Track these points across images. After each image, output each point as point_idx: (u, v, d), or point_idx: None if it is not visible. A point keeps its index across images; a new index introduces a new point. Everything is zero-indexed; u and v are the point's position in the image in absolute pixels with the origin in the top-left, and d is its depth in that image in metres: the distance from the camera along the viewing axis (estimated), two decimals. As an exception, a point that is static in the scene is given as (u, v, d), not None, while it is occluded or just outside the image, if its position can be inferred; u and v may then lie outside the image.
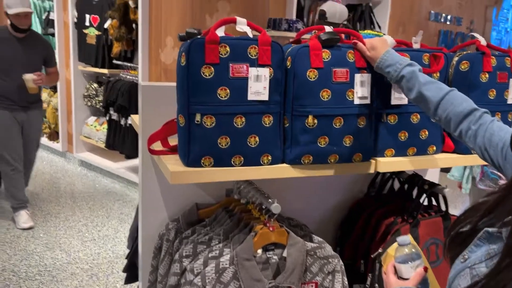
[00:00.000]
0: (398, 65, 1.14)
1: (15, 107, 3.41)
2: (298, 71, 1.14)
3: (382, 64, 1.16)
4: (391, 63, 1.15)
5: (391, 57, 1.16)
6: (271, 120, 1.14)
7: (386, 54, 1.16)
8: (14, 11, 3.17)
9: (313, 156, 1.18)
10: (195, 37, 1.06)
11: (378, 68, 1.18)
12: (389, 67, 1.15)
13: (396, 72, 1.14)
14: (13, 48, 3.32)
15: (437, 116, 1.07)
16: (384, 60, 1.16)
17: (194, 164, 1.11)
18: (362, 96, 1.19)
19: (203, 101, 1.07)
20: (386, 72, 1.16)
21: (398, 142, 1.31)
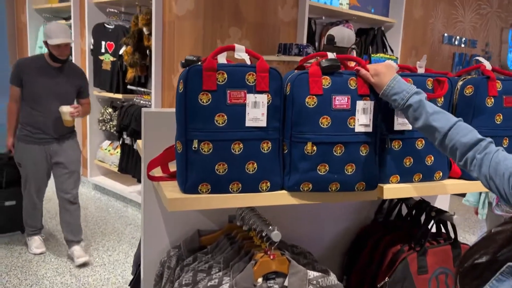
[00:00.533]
0: (405, 93, 1.12)
1: (48, 139, 3.18)
2: (297, 97, 1.13)
3: (388, 92, 1.14)
4: (398, 91, 1.13)
5: (398, 84, 1.14)
6: (269, 146, 1.13)
7: (393, 81, 1.14)
8: (55, 41, 3.02)
9: (313, 184, 1.16)
10: (193, 64, 1.07)
11: (383, 95, 1.16)
12: (396, 95, 1.13)
13: (403, 101, 1.12)
14: (49, 78, 3.13)
15: (443, 146, 1.07)
16: (391, 87, 1.14)
17: (192, 191, 1.10)
18: (363, 124, 1.18)
19: (201, 128, 1.07)
20: (392, 99, 1.14)
21: (403, 169, 1.29)
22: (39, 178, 3.25)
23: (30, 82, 3.09)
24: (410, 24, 5.56)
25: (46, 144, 3.18)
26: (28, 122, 3.15)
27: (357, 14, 4.67)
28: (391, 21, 5.13)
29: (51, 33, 3.06)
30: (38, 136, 3.15)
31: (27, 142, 3.17)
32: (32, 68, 3.11)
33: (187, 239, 1.45)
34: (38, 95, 3.11)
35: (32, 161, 3.18)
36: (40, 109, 3.13)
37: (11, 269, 3.18)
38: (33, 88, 3.10)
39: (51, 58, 3.13)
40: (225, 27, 3.71)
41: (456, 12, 6.37)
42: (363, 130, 1.18)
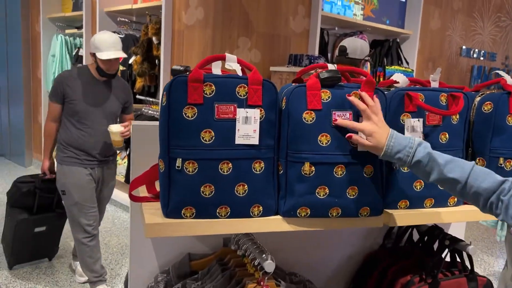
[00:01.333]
0: (408, 149, 0.99)
1: (94, 163, 2.82)
2: (293, 112, 1.02)
3: (390, 152, 0.99)
4: (399, 148, 0.99)
5: (398, 141, 0.99)
6: (262, 166, 1.02)
7: (391, 140, 0.99)
8: (105, 55, 2.66)
9: (311, 209, 1.05)
10: (178, 75, 0.97)
11: (385, 156, 1.00)
12: (399, 153, 0.99)
13: (408, 158, 0.99)
14: (96, 93, 2.78)
15: (463, 195, 0.99)
16: (391, 147, 0.99)
17: (174, 215, 0.99)
18: (367, 141, 1.06)
19: (185, 145, 0.97)
20: (396, 159, 0.99)
21: (413, 193, 1.16)
22: (88, 201, 2.81)
23: (74, 98, 2.72)
24: (427, 35, 5.41)
25: (91, 167, 2.82)
26: (71, 143, 2.77)
27: (371, 25, 4.56)
28: (407, 33, 5.00)
29: (102, 45, 2.69)
30: (83, 158, 2.78)
31: (73, 164, 2.77)
32: (76, 82, 2.74)
33: (176, 264, 1.34)
34: (84, 112, 2.74)
35: (79, 186, 2.78)
36: (86, 129, 2.75)
37: None
38: (78, 104, 2.73)
39: (99, 72, 2.76)
40: (234, 37, 3.63)
41: (474, 24, 6.20)
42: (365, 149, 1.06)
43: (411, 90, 1.14)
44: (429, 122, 1.15)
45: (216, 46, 3.64)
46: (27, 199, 3.07)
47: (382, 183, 1.12)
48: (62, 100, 2.74)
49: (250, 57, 3.67)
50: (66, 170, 2.78)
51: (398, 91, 1.13)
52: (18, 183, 3.11)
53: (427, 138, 1.15)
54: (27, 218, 3.06)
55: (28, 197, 3.07)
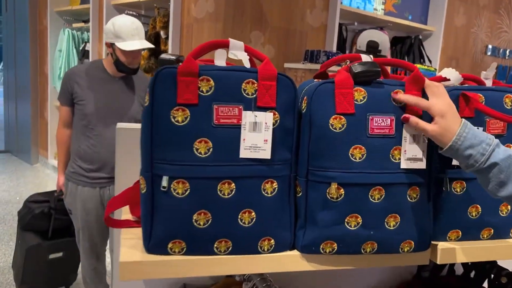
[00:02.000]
0: (485, 146, 0.75)
1: (104, 180, 2.29)
2: (317, 117, 0.77)
3: (459, 145, 0.76)
4: (474, 142, 0.76)
5: (473, 133, 0.76)
6: (275, 187, 0.78)
7: (464, 129, 0.77)
8: (129, 46, 2.15)
9: (339, 243, 0.80)
10: (166, 66, 0.73)
11: (450, 151, 0.77)
12: (471, 149, 0.76)
13: (483, 157, 0.75)
14: (109, 92, 2.26)
15: None
16: (463, 138, 0.76)
17: (158, 250, 0.75)
18: (413, 157, 0.81)
19: (173, 159, 0.73)
20: (464, 156, 0.77)
21: (468, 221, 0.91)
22: (93, 232, 2.33)
23: (83, 98, 2.22)
24: (451, 32, 5.10)
25: (101, 186, 2.28)
26: (80, 155, 2.26)
27: (393, 21, 4.27)
28: (430, 29, 4.71)
29: (123, 32, 2.14)
30: (92, 175, 2.26)
31: (79, 182, 2.28)
32: (87, 79, 2.23)
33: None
34: (95, 116, 2.21)
35: (84, 210, 2.28)
36: (97, 137, 2.23)
37: None
38: (87, 106, 2.21)
39: (117, 66, 2.22)
40: (246, 31, 3.39)
41: (501, 22, 5.87)
42: (413, 167, 0.81)
43: (468, 89, 0.88)
44: (491, 131, 0.90)
45: (227, 40, 3.40)
46: (41, 222, 2.59)
47: (429, 210, 0.87)
48: (71, 101, 2.24)
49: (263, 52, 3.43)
50: (72, 188, 2.29)
51: (451, 91, 0.88)
52: (29, 202, 2.62)
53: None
54: (40, 244, 2.57)
55: (42, 220, 2.59)
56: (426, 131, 0.79)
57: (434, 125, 0.78)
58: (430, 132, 0.78)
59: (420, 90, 0.81)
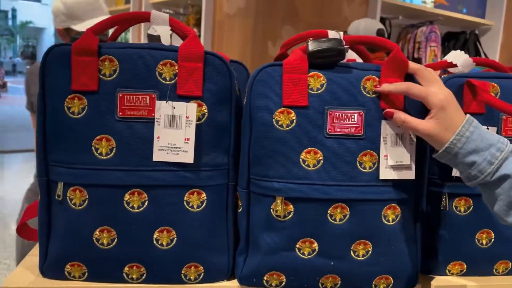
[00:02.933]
0: (494, 152, 0.55)
1: None
2: (258, 111, 0.59)
3: (459, 148, 0.56)
4: (480, 145, 0.56)
5: (479, 133, 0.57)
6: (203, 199, 0.60)
7: (468, 126, 0.57)
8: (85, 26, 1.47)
9: (288, 275, 0.61)
10: (58, 44, 0.58)
11: (449, 152, 0.57)
12: (475, 155, 0.56)
13: (491, 166, 0.55)
14: None
15: None
16: (466, 139, 0.56)
17: (53, 273, 0.61)
18: (398, 165, 0.61)
19: (68, 160, 0.58)
20: (466, 162, 0.56)
21: (475, 250, 0.69)
22: None
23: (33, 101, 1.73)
24: (512, 27, 4.64)
25: None
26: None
27: (444, 15, 3.91)
28: (488, 24, 4.29)
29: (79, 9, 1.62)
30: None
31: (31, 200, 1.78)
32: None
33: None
34: None
35: None
36: None
37: None
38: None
39: None
40: (277, 26, 3.22)
41: None
42: (399, 177, 0.61)
43: (476, 76, 0.67)
44: (508, 133, 0.67)
45: (258, 36, 3.24)
46: None
47: (416, 235, 0.66)
48: (32, 105, 1.71)
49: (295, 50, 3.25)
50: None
51: (452, 79, 0.66)
52: None
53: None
54: None
55: None
56: (418, 130, 0.58)
57: (430, 121, 0.57)
58: (425, 131, 0.57)
59: (401, 76, 0.61)
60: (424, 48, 3.82)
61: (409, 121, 0.59)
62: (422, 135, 0.59)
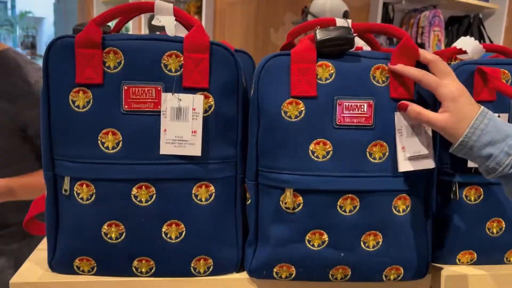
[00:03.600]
0: (511, 143, 0.54)
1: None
2: (266, 102, 0.58)
3: (475, 140, 0.55)
4: (496, 137, 0.54)
5: (494, 124, 0.55)
6: (211, 192, 0.60)
7: (483, 118, 0.55)
8: None
9: (298, 267, 0.61)
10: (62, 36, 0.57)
11: (464, 146, 0.56)
12: (492, 147, 0.54)
13: (509, 158, 0.54)
14: None
15: None
16: (480, 130, 0.55)
17: (62, 268, 0.61)
18: (416, 155, 0.60)
19: (74, 155, 0.57)
20: (483, 155, 0.55)
21: (486, 239, 0.68)
22: None
23: None
24: (517, 10, 4.58)
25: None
26: None
27: (448, -1, 3.87)
28: (492, 7, 4.23)
29: None
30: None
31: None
32: None
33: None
34: None
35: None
36: None
37: None
38: None
39: None
40: (279, 12, 3.18)
41: None
42: (419, 167, 0.60)
43: (487, 63, 0.65)
44: (520, 121, 0.66)
45: (259, 24, 3.21)
46: None
47: (427, 225, 0.65)
48: None
49: (298, 37, 3.22)
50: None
51: (462, 66, 0.65)
52: None
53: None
54: None
55: None
56: (432, 123, 0.57)
57: (443, 114, 0.56)
58: (439, 124, 0.56)
59: (411, 65, 0.59)
60: (428, 33, 3.77)
61: (424, 114, 0.57)
62: (437, 128, 0.57)
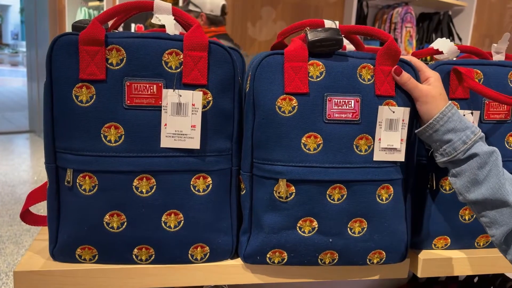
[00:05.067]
0: (469, 134, 0.62)
1: None
2: (261, 98, 0.62)
3: (441, 125, 0.63)
4: (458, 126, 0.63)
5: (459, 116, 0.64)
6: (208, 183, 0.63)
7: (451, 108, 0.64)
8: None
9: (289, 252, 0.65)
10: (66, 33, 0.59)
11: (431, 128, 0.64)
12: (453, 133, 0.63)
13: (464, 145, 0.62)
14: None
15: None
16: (447, 118, 0.63)
17: (65, 257, 0.63)
18: (389, 147, 0.65)
19: (77, 148, 0.59)
20: (444, 139, 0.63)
21: (459, 225, 0.74)
22: None
23: None
24: (484, 8, 4.75)
25: None
26: None
27: (419, -5, 3.98)
28: (461, 4, 4.38)
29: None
30: None
31: None
32: None
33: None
34: None
35: None
36: None
37: None
38: None
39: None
40: (257, 7, 3.21)
41: (541, -4, 5.42)
42: (389, 159, 0.65)
43: (462, 64, 0.71)
44: (490, 116, 0.72)
45: (237, 17, 3.23)
46: None
47: (407, 213, 0.71)
48: None
49: (275, 30, 3.24)
50: None
51: (439, 66, 0.70)
52: None
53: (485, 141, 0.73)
54: None
55: None
56: (419, 89, 0.64)
57: (428, 85, 0.65)
58: (424, 91, 0.64)
59: (394, 64, 0.64)
60: (400, 29, 3.87)
61: (413, 80, 0.64)
62: (420, 94, 0.64)
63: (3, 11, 21.80)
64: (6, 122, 6.97)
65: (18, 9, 20.07)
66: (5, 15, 21.71)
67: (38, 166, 5.36)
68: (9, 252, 2.52)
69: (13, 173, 3.94)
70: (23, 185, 4.68)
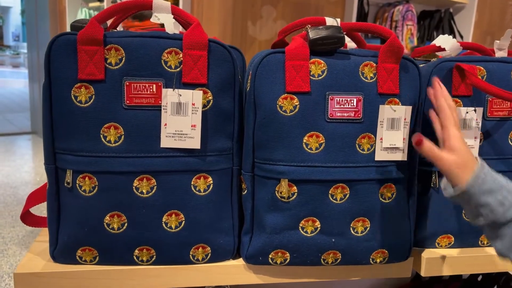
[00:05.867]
0: (505, 194, 0.56)
1: None
2: (262, 97, 0.62)
3: (476, 187, 0.57)
4: (493, 187, 0.57)
5: (491, 174, 0.58)
6: (209, 183, 0.63)
7: (482, 168, 0.58)
8: None
9: (292, 252, 0.65)
10: (64, 33, 0.58)
11: (467, 193, 0.57)
12: (489, 195, 0.56)
13: (501, 207, 0.56)
14: None
15: None
16: (482, 180, 0.57)
17: (65, 258, 0.63)
18: (391, 147, 0.64)
19: (77, 148, 0.59)
20: (481, 203, 0.57)
21: (462, 224, 0.74)
22: None
23: None
24: (485, 5, 4.73)
25: None
26: None
27: (420, -7, 3.97)
28: (462, 2, 4.36)
29: None
30: None
31: None
32: None
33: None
34: None
35: None
36: None
37: None
38: None
39: None
40: (257, 5, 3.20)
41: (543, -7, 5.40)
42: (390, 158, 0.65)
43: (465, 60, 0.70)
44: (493, 113, 0.72)
45: (237, 17, 3.22)
46: None
47: (410, 212, 0.70)
48: None
49: (275, 29, 3.24)
50: None
51: (442, 63, 0.70)
52: None
53: (488, 139, 0.72)
54: None
55: None
56: (442, 160, 0.59)
57: (451, 154, 0.59)
58: (449, 163, 0.58)
59: (397, 62, 0.64)
60: (401, 27, 3.86)
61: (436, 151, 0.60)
62: (445, 168, 0.59)
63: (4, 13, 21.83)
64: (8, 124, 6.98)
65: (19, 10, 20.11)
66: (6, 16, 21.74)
67: (40, 167, 5.37)
68: (11, 254, 2.52)
69: (15, 175, 3.94)
70: (25, 186, 4.68)
